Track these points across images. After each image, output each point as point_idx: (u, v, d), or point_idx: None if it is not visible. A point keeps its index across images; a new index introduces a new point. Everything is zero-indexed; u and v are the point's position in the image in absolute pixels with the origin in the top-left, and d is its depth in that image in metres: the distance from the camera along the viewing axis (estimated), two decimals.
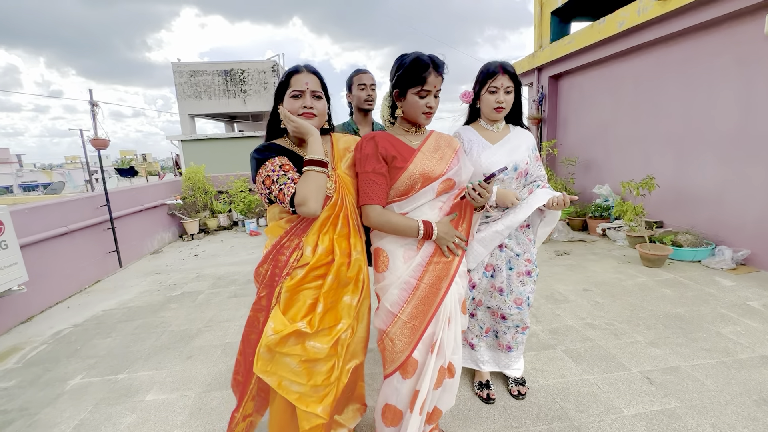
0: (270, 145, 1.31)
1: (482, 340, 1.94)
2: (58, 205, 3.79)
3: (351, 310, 1.33)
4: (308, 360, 1.25)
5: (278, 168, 1.24)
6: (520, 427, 1.74)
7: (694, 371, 2.06)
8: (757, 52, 3.31)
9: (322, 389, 1.26)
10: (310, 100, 1.27)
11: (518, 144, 1.77)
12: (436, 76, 1.35)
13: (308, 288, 1.24)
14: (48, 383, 2.32)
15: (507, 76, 1.67)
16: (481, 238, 1.72)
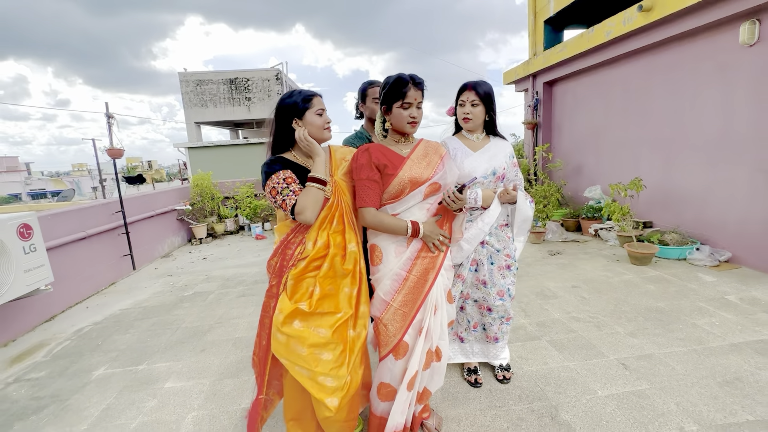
0: (277, 159, 1.52)
1: (471, 333, 2.12)
2: (77, 211, 4.03)
3: (351, 299, 1.53)
4: (313, 345, 1.44)
5: (282, 181, 1.46)
6: (503, 406, 1.92)
7: (667, 358, 2.24)
8: (734, 60, 3.50)
9: (331, 380, 1.43)
10: (327, 118, 1.54)
11: (497, 152, 1.98)
12: (416, 90, 1.56)
13: (309, 276, 1.45)
14: (75, 374, 2.54)
15: (473, 92, 1.90)
16: (466, 237, 1.92)
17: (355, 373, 1.51)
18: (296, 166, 1.53)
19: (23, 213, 2.89)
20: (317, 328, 1.46)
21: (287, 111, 1.52)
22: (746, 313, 2.70)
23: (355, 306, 1.54)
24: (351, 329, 1.53)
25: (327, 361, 1.45)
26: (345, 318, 1.50)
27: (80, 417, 2.09)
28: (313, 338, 1.44)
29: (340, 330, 1.49)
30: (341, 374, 1.45)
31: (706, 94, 3.80)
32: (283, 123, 1.54)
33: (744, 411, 1.78)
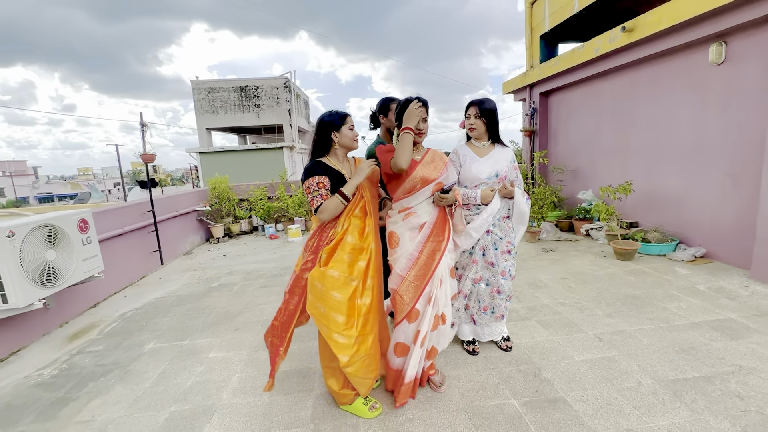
0: (318, 163, 1.94)
1: (482, 317, 2.49)
2: (115, 210, 4.47)
3: (362, 271, 1.90)
4: (330, 307, 1.82)
5: (315, 184, 1.89)
6: (496, 368, 2.32)
7: (636, 333, 2.63)
8: (705, 78, 3.92)
9: (343, 338, 1.81)
10: (356, 132, 1.99)
11: (499, 158, 2.40)
12: (422, 109, 1.98)
13: (338, 249, 1.87)
14: (129, 347, 2.95)
15: (475, 107, 2.34)
16: (474, 227, 2.33)
17: (364, 336, 1.88)
18: (330, 169, 1.94)
19: (81, 210, 3.32)
20: (333, 271, 1.84)
21: (327, 126, 1.94)
22: (711, 299, 3.09)
23: (363, 277, 1.91)
24: (359, 298, 1.90)
25: (339, 322, 1.84)
26: (355, 287, 1.88)
27: (142, 378, 2.50)
28: (327, 278, 1.83)
29: (351, 297, 1.87)
30: (351, 334, 1.84)
31: (682, 107, 4.21)
32: (323, 134, 1.95)
33: (692, 370, 2.17)
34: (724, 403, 1.90)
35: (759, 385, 2.01)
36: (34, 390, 2.45)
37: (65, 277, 2.99)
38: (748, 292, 3.18)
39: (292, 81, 14.60)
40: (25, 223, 2.69)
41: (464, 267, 2.42)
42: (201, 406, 2.17)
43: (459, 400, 2.06)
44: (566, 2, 5.87)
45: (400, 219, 2.07)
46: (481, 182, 2.34)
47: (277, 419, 2.02)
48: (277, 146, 13.35)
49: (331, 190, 1.89)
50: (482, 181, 2.34)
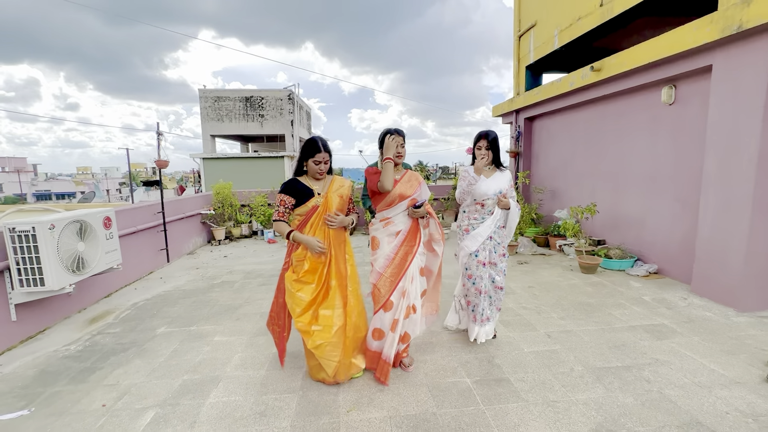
0: (290, 182, 2.41)
1: (485, 322, 2.90)
2: (131, 210, 4.92)
3: (322, 276, 2.37)
4: (297, 304, 2.31)
5: (278, 201, 2.39)
6: (457, 355, 2.77)
7: (580, 332, 3.09)
8: (659, 115, 4.47)
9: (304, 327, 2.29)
10: (324, 167, 2.39)
11: (501, 179, 2.92)
12: (398, 137, 2.48)
13: (304, 256, 2.35)
14: (143, 330, 3.37)
15: (485, 141, 2.86)
16: (479, 231, 2.83)
17: (328, 326, 2.31)
18: (303, 186, 2.40)
19: (106, 208, 3.77)
20: (300, 293, 2.32)
21: (302, 154, 2.40)
22: (652, 308, 3.56)
23: (325, 280, 2.37)
24: (319, 297, 2.35)
25: (300, 315, 2.30)
26: (318, 290, 2.34)
27: (157, 354, 2.92)
28: (297, 300, 2.31)
29: (314, 297, 2.33)
30: (303, 320, 2.29)
31: (642, 139, 4.75)
32: (300, 159, 2.43)
33: (617, 361, 2.63)
34: (634, 385, 2.35)
35: (667, 374, 2.47)
36: (64, 361, 2.86)
37: (91, 266, 3.43)
38: (685, 303, 3.65)
39: (296, 93, 15.22)
40: (62, 218, 3.14)
41: (474, 268, 2.87)
42: (209, 376, 2.59)
43: (423, 378, 2.50)
44: (548, 39, 6.48)
45: (381, 226, 2.55)
46: (488, 197, 2.86)
47: (272, 387, 2.45)
48: (278, 155, 13.87)
49: (298, 204, 2.38)
50: (489, 197, 2.86)
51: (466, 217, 2.96)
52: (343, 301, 2.40)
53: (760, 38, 3.19)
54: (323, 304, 2.37)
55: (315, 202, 2.38)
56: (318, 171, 2.38)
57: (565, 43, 6.01)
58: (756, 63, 3.23)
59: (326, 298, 2.38)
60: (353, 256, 2.56)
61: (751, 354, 2.68)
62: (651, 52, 4.09)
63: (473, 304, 2.90)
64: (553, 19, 6.34)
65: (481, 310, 2.86)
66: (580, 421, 2.05)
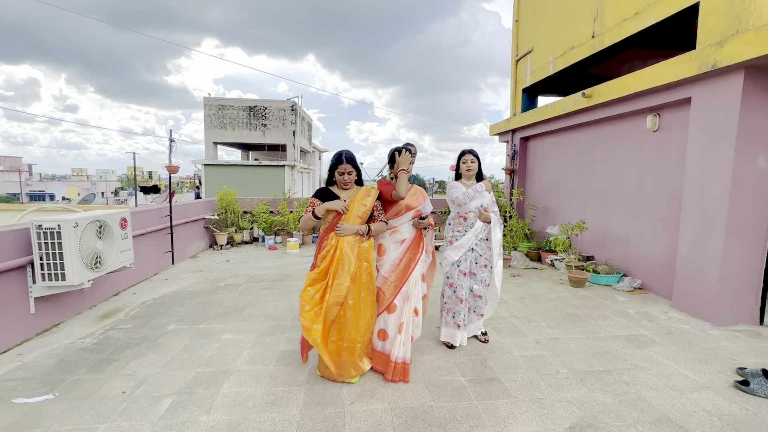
0: (322, 189, 2.67)
1: (467, 317, 3.13)
2: (141, 212, 5.11)
3: (329, 275, 2.57)
4: (306, 300, 2.54)
5: (309, 203, 2.63)
6: (452, 357, 2.98)
7: (567, 340, 3.32)
8: (644, 140, 4.80)
9: (308, 322, 2.48)
10: (347, 177, 2.62)
11: (483, 194, 3.15)
12: (406, 153, 2.74)
13: (327, 256, 2.56)
14: (154, 327, 3.54)
15: (471, 155, 3.12)
16: (461, 243, 3.06)
17: (326, 324, 2.51)
18: (331, 193, 2.64)
19: (123, 210, 3.96)
20: (311, 288, 2.54)
21: (331, 166, 2.66)
22: (634, 320, 3.80)
23: (332, 278, 2.53)
24: (328, 293, 2.50)
25: (307, 311, 2.51)
26: (324, 286, 2.53)
27: (170, 349, 3.09)
28: (306, 296, 2.53)
29: (322, 295, 2.52)
30: (314, 321, 2.49)
31: (628, 161, 5.07)
32: (331, 171, 2.68)
33: (599, 365, 2.86)
34: (614, 387, 2.58)
35: (644, 378, 2.69)
36: (81, 352, 3.02)
37: (107, 264, 3.61)
38: (665, 316, 3.90)
39: (299, 105, 15.58)
40: (85, 217, 3.34)
41: (456, 277, 3.10)
42: (220, 369, 2.77)
43: (421, 376, 2.70)
44: (543, 65, 6.87)
45: (388, 234, 2.78)
46: (470, 210, 3.11)
47: (280, 380, 2.63)
48: (279, 164, 14.13)
49: None
50: (471, 210, 3.11)
51: (451, 229, 3.21)
52: (355, 304, 2.56)
53: (732, 75, 3.52)
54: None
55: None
56: (342, 181, 2.62)
57: (560, 69, 6.39)
58: (729, 97, 3.56)
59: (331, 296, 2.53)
60: (373, 264, 2.65)
61: (721, 363, 2.91)
62: (637, 83, 4.44)
63: (454, 311, 3.11)
64: (548, 46, 6.74)
65: (462, 317, 3.08)
66: (563, 416, 2.26)
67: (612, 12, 5.10)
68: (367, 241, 2.64)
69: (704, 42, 3.75)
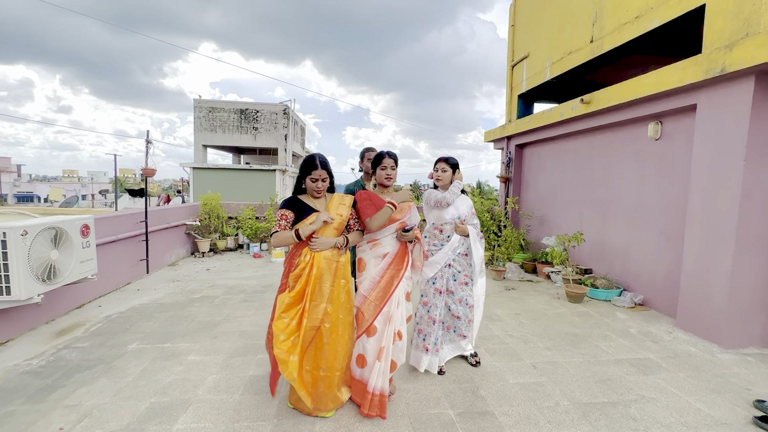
0: (291, 199, 2.34)
1: (447, 335, 2.90)
2: (112, 218, 4.77)
3: (304, 296, 2.24)
4: (280, 330, 2.19)
5: (280, 216, 2.29)
6: (441, 384, 2.68)
7: (566, 364, 3.04)
8: (645, 149, 4.58)
9: (280, 351, 2.12)
10: (321, 185, 2.31)
11: (460, 204, 2.91)
12: (389, 159, 2.47)
13: (303, 276, 2.24)
14: (113, 346, 3.20)
15: (443, 163, 2.86)
16: (436, 258, 2.81)
17: (303, 354, 2.19)
18: (303, 204, 2.32)
19: (85, 216, 3.64)
20: (286, 316, 2.19)
21: (300, 173, 2.34)
22: (637, 341, 3.53)
23: (309, 300, 2.19)
24: (305, 318, 2.16)
25: (282, 341, 2.16)
26: (300, 310, 2.19)
27: (125, 373, 2.76)
28: (281, 324, 2.19)
29: (297, 318, 2.19)
30: (291, 351, 2.15)
31: (628, 171, 4.85)
32: (299, 177, 2.38)
33: (603, 396, 2.57)
34: (620, 423, 2.29)
35: (653, 412, 2.41)
36: (24, 377, 2.68)
37: (63, 276, 3.27)
38: (670, 337, 3.64)
39: (292, 108, 15.32)
40: (36, 224, 3.01)
41: (431, 296, 2.84)
42: (179, 399, 2.45)
43: (405, 408, 2.40)
44: (540, 70, 6.68)
45: (368, 248, 2.49)
46: (446, 222, 2.86)
47: (245, 414, 2.32)
48: (270, 168, 13.81)
49: (297, 220, 2.28)
50: (446, 221, 2.86)
51: (427, 242, 2.94)
52: (333, 327, 2.27)
53: (742, 81, 3.31)
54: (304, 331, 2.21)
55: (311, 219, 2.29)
56: (315, 189, 2.30)
57: (556, 75, 6.19)
58: (738, 104, 3.35)
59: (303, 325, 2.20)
60: (351, 281, 2.41)
61: (736, 393, 2.65)
62: (638, 89, 4.22)
63: (425, 333, 2.84)
64: (545, 51, 6.55)
65: (433, 340, 2.80)
66: None
67: (612, 15, 4.91)
68: (344, 256, 2.37)
69: (711, 46, 3.54)
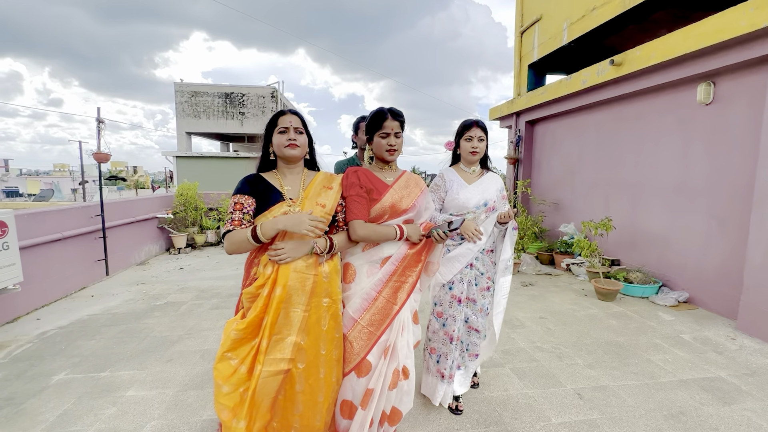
0: (247, 178, 1.58)
1: (453, 378, 2.12)
2: (56, 212, 4.00)
3: (264, 329, 1.49)
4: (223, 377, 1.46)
5: (233, 204, 1.53)
6: (461, 429, 1.98)
7: (620, 390, 2.35)
8: (692, 116, 3.83)
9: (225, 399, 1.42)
10: (294, 134, 1.57)
11: (489, 185, 2.13)
12: (393, 121, 1.69)
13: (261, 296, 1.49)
14: (33, 377, 2.48)
15: (479, 129, 2.07)
16: (456, 255, 2.04)
17: (256, 415, 1.45)
18: (267, 185, 1.58)
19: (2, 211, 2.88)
20: (234, 358, 1.46)
21: (267, 130, 1.60)
22: (697, 352, 2.85)
23: (268, 333, 1.45)
24: (259, 362, 1.44)
25: (226, 394, 1.44)
26: (253, 349, 1.46)
27: (34, 421, 2.04)
28: (224, 369, 1.46)
29: (249, 362, 1.45)
30: (236, 412, 1.42)
31: (666, 145, 4.11)
32: (266, 141, 1.63)
33: None
34: None
35: None
36: None
37: None
38: (735, 345, 2.96)
39: (280, 91, 14.38)
40: None
41: (447, 305, 2.09)
42: None
43: None
44: (555, 33, 5.86)
45: (359, 249, 1.74)
46: (468, 211, 2.05)
47: None
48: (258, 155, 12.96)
49: (259, 210, 1.54)
50: (469, 210, 2.05)
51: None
52: (309, 368, 1.54)
53: None
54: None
55: (282, 211, 1.52)
56: (284, 144, 1.53)
57: (576, 37, 5.39)
58: None
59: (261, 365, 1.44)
60: (339, 300, 1.64)
61: None
62: (689, 41, 3.45)
63: (439, 353, 2.11)
64: (562, 11, 5.72)
65: (450, 363, 2.07)
66: None
67: None
68: (328, 264, 1.61)
69: None
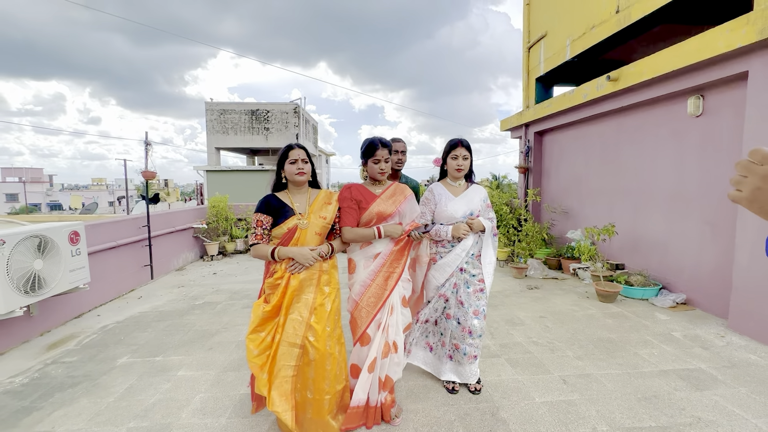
0: (264, 199, 2.05)
1: (456, 354, 2.44)
2: (112, 223, 4.62)
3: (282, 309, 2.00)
4: (257, 346, 1.98)
5: (256, 222, 2.03)
6: (455, 404, 2.33)
7: (602, 377, 2.63)
8: (684, 128, 4.05)
9: (254, 365, 1.94)
10: (302, 164, 2.03)
11: (473, 196, 2.49)
12: (383, 149, 2.11)
13: (279, 285, 1.98)
14: (102, 360, 3.00)
15: (464, 148, 2.42)
16: (446, 261, 2.40)
17: (270, 372, 1.93)
18: (280, 203, 2.04)
19: (74, 222, 3.46)
20: (262, 330, 1.98)
21: (278, 163, 2.06)
22: (684, 348, 3.07)
23: (284, 314, 1.96)
24: (279, 333, 1.95)
25: (256, 356, 1.96)
26: (275, 325, 1.97)
27: (108, 392, 2.54)
28: (254, 339, 1.98)
29: (272, 333, 1.96)
30: (262, 368, 1.94)
31: (664, 154, 4.33)
32: (279, 168, 2.08)
33: (650, 419, 2.16)
34: None
35: None
36: (3, 397, 2.49)
37: (50, 286, 3.09)
38: (723, 342, 3.16)
39: (302, 107, 15.13)
40: (16, 233, 2.83)
41: (434, 300, 2.46)
42: (159, 424, 2.19)
43: None
44: (559, 49, 6.16)
45: (358, 247, 2.16)
46: (456, 221, 2.39)
47: None
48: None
49: (275, 224, 2.01)
50: (458, 220, 2.39)
51: (433, 243, 2.47)
52: (318, 342, 1.96)
53: None
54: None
55: (293, 223, 2.00)
56: (296, 172, 2.00)
57: (578, 53, 5.68)
58: None
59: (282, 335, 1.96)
60: (337, 287, 2.10)
61: None
62: (676, 59, 3.71)
63: (426, 331, 2.57)
64: (564, 28, 6.03)
65: (416, 335, 2.54)
66: None
67: None
68: (329, 261, 2.09)
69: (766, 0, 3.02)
